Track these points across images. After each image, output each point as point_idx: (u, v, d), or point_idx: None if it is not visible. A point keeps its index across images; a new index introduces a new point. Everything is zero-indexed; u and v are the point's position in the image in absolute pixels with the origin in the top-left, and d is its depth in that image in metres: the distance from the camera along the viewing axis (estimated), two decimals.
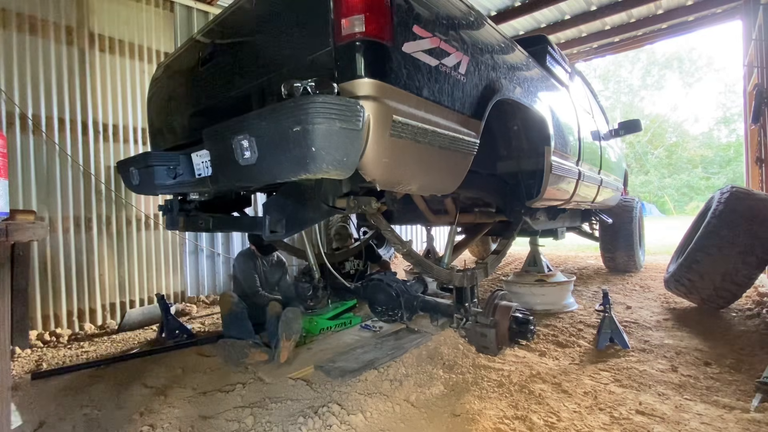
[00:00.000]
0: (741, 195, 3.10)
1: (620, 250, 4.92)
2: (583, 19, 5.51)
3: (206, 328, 3.25)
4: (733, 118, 23.84)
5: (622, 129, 3.86)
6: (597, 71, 27.78)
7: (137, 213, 3.68)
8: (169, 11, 3.99)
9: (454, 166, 1.67)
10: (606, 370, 2.20)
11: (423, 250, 4.94)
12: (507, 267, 5.80)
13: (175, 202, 2.30)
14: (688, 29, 5.73)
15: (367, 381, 2.06)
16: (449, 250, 2.33)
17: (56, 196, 3.21)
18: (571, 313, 3.30)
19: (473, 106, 1.66)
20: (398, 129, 1.30)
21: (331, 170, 1.13)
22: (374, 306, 2.52)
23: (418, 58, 1.38)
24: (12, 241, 1.18)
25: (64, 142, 3.27)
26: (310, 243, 2.85)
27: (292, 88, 1.17)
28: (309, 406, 1.85)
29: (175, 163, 1.71)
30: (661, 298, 3.74)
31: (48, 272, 3.14)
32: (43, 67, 3.18)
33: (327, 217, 2.21)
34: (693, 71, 27.42)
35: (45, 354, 2.71)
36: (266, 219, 1.68)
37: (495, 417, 1.71)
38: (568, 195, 2.83)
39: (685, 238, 3.86)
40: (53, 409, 1.90)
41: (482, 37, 1.79)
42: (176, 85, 2.17)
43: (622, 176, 4.80)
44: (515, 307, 2.09)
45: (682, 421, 1.67)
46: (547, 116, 2.29)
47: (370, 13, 1.22)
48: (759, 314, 3.02)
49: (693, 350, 2.45)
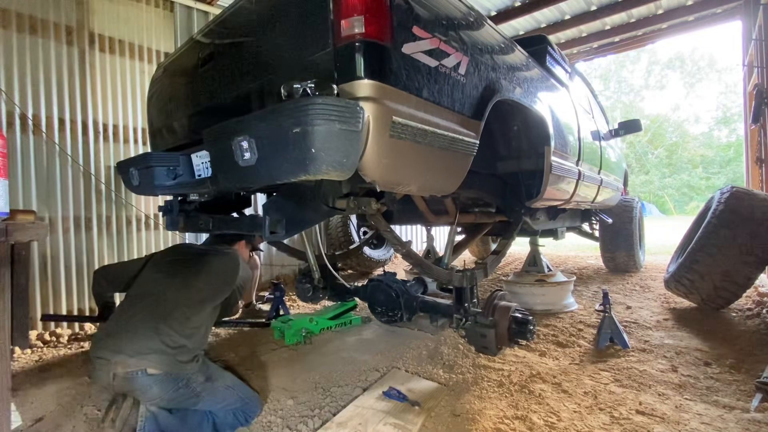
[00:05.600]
0: (741, 195, 3.10)
1: (620, 250, 4.91)
2: (583, 19, 5.51)
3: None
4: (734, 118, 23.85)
5: (622, 129, 3.86)
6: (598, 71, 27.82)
7: (137, 213, 3.68)
8: (169, 11, 3.99)
9: (454, 167, 1.67)
10: (606, 370, 2.20)
11: (423, 250, 4.94)
12: (507, 267, 5.80)
13: (175, 202, 2.30)
14: (688, 29, 5.73)
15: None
16: (449, 251, 2.34)
17: (56, 196, 3.21)
18: (571, 313, 3.30)
19: (473, 107, 1.66)
20: (398, 130, 1.30)
21: (330, 171, 1.13)
22: (374, 306, 2.53)
23: (418, 59, 1.39)
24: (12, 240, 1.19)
25: (64, 142, 3.27)
26: (309, 243, 2.85)
27: (292, 89, 1.17)
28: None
29: (175, 164, 1.71)
30: (661, 298, 3.74)
31: (48, 272, 3.14)
32: (43, 67, 3.18)
33: (327, 218, 2.21)
34: (694, 71, 27.44)
35: (45, 354, 2.71)
36: (266, 220, 1.68)
37: (495, 417, 1.71)
38: (568, 195, 2.84)
39: (685, 238, 3.86)
40: (53, 409, 1.91)
41: (482, 38, 1.79)
42: (176, 85, 2.17)
43: (622, 176, 4.80)
44: (515, 307, 2.10)
45: (682, 421, 1.67)
46: (547, 116, 2.29)
47: (369, 15, 1.22)
48: (759, 314, 3.02)
49: (693, 350, 2.45)
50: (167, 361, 1.52)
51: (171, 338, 1.56)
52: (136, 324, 1.58)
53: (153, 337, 1.54)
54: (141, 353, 1.50)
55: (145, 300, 1.70)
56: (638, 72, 28.50)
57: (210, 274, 1.86)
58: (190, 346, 1.61)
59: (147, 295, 1.74)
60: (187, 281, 1.79)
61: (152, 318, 1.60)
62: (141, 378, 1.49)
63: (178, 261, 1.94)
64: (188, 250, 2.08)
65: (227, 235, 2.17)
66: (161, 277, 1.84)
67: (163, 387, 1.52)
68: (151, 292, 1.75)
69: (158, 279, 1.84)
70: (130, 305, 1.73)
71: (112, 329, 1.61)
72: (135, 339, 1.53)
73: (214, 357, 2.43)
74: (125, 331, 1.57)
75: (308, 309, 3.56)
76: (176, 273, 1.84)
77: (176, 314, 1.63)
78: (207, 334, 1.81)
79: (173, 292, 1.73)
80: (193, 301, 1.71)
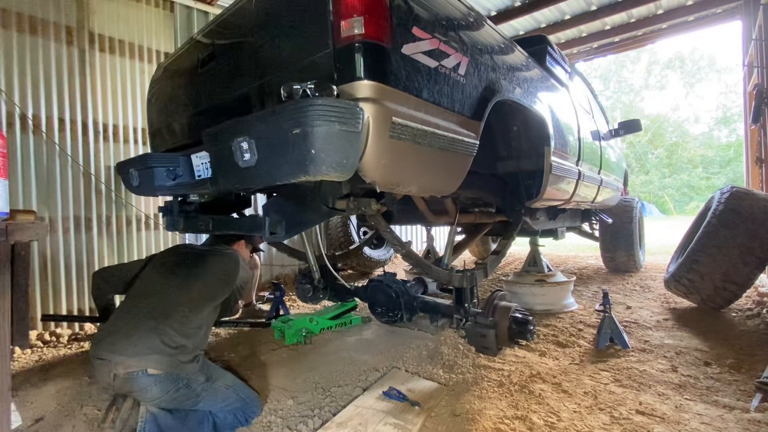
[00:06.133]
0: (741, 195, 3.10)
1: (620, 250, 4.92)
2: (583, 19, 5.51)
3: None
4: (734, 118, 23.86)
5: (622, 129, 3.86)
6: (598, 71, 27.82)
7: (137, 213, 3.68)
8: (169, 11, 3.99)
9: (454, 167, 1.67)
10: (606, 370, 2.20)
11: (423, 251, 4.95)
12: (507, 267, 5.80)
13: (175, 203, 2.30)
14: (688, 29, 5.73)
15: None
16: (449, 251, 2.34)
17: (56, 196, 3.21)
18: (571, 313, 3.30)
19: (473, 108, 1.66)
20: (398, 131, 1.30)
21: (330, 172, 1.13)
22: (374, 307, 2.53)
23: (418, 59, 1.39)
24: (12, 240, 1.19)
25: (64, 142, 3.27)
26: (310, 244, 2.85)
27: (292, 90, 1.17)
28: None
29: (175, 165, 1.71)
30: (661, 298, 3.74)
31: (48, 272, 3.14)
32: (43, 67, 3.18)
33: (327, 219, 2.21)
34: (694, 71, 27.44)
35: (45, 354, 2.71)
36: (266, 220, 1.68)
37: (495, 417, 1.71)
38: (568, 195, 2.84)
39: (685, 238, 3.87)
40: (53, 409, 1.91)
41: (482, 38, 1.79)
42: (176, 86, 2.17)
43: (622, 176, 4.80)
44: (514, 307, 2.10)
45: (682, 421, 1.67)
46: (546, 116, 2.29)
47: (369, 15, 1.22)
48: (759, 314, 3.03)
49: (693, 350, 2.46)
50: (168, 362, 1.52)
51: (171, 338, 1.56)
52: (136, 324, 1.58)
53: (153, 338, 1.54)
54: (142, 353, 1.50)
55: (146, 300, 1.71)
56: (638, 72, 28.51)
57: (210, 274, 1.86)
58: (191, 346, 1.61)
59: (147, 295, 1.74)
60: (187, 281, 1.79)
61: (153, 318, 1.60)
62: (142, 378, 1.49)
63: (178, 261, 1.94)
64: (188, 250, 2.08)
65: (226, 235, 2.17)
66: (161, 277, 1.85)
67: (163, 387, 1.52)
68: (152, 293, 1.75)
69: (158, 279, 1.84)
70: (130, 306, 1.73)
71: (113, 329, 1.61)
72: (135, 339, 1.53)
73: (214, 357, 2.43)
74: (126, 331, 1.57)
75: (308, 309, 3.56)
76: (176, 273, 1.84)
77: (176, 314, 1.64)
78: (207, 334, 1.81)
79: (173, 293, 1.73)
80: (194, 301, 1.71)
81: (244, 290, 2.14)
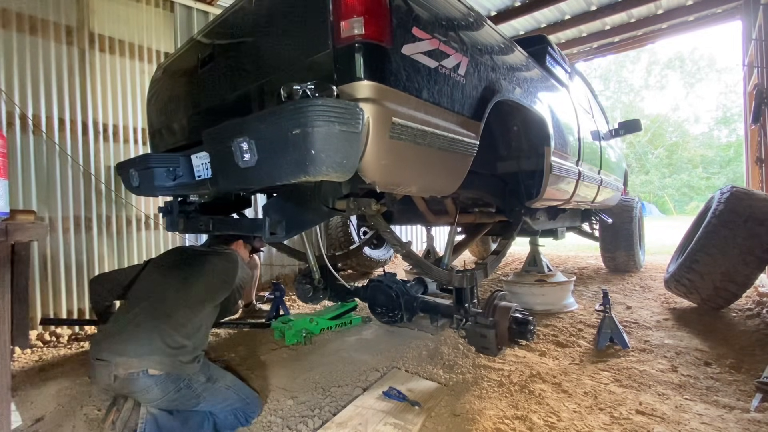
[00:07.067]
0: (741, 195, 3.10)
1: (620, 250, 4.92)
2: (583, 19, 5.51)
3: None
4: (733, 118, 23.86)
5: (622, 129, 3.86)
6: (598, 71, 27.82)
7: (137, 213, 3.68)
8: (169, 11, 3.99)
9: (454, 168, 1.67)
10: (606, 370, 2.20)
11: (423, 251, 4.94)
12: (507, 267, 5.80)
13: (175, 203, 2.30)
14: (688, 29, 5.73)
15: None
16: (449, 251, 2.34)
17: (56, 196, 3.21)
18: (571, 313, 3.30)
19: (473, 108, 1.66)
20: (398, 131, 1.30)
21: (330, 173, 1.13)
22: (374, 307, 2.53)
23: (418, 59, 1.39)
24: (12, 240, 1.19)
25: (64, 142, 3.27)
26: (310, 244, 2.85)
27: (292, 90, 1.17)
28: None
29: (175, 165, 1.71)
30: (661, 298, 3.74)
31: (48, 272, 3.14)
32: (43, 67, 3.18)
33: (327, 219, 2.21)
34: (694, 71, 27.45)
35: (45, 354, 2.71)
36: (266, 221, 1.68)
37: (495, 417, 1.71)
38: (568, 195, 2.84)
39: (685, 238, 3.87)
40: (53, 409, 1.91)
41: (482, 38, 1.79)
42: (176, 86, 2.17)
43: (622, 176, 4.80)
44: (515, 307, 2.10)
45: (682, 421, 1.67)
46: (546, 116, 2.29)
47: (369, 16, 1.22)
48: (759, 314, 3.02)
49: (693, 350, 2.46)
50: (168, 362, 1.52)
51: (172, 338, 1.56)
52: (136, 325, 1.58)
53: (154, 338, 1.54)
54: (143, 354, 1.50)
55: (145, 301, 1.71)
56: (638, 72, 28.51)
57: (209, 274, 1.86)
58: (191, 346, 1.61)
59: (147, 296, 1.74)
60: (187, 282, 1.79)
61: (153, 319, 1.60)
62: (142, 379, 1.49)
63: (178, 262, 1.94)
64: (187, 251, 2.08)
65: (224, 235, 2.17)
66: (161, 278, 1.85)
67: (164, 388, 1.52)
68: (151, 294, 1.75)
69: (158, 280, 1.84)
70: (130, 307, 1.73)
71: (113, 331, 1.61)
72: (136, 340, 1.53)
73: (214, 357, 2.43)
74: (126, 332, 1.57)
75: (308, 309, 3.56)
76: (176, 274, 1.84)
77: (177, 315, 1.63)
78: (207, 334, 1.81)
79: (173, 293, 1.73)
80: (193, 302, 1.71)
81: (243, 290, 2.14)
